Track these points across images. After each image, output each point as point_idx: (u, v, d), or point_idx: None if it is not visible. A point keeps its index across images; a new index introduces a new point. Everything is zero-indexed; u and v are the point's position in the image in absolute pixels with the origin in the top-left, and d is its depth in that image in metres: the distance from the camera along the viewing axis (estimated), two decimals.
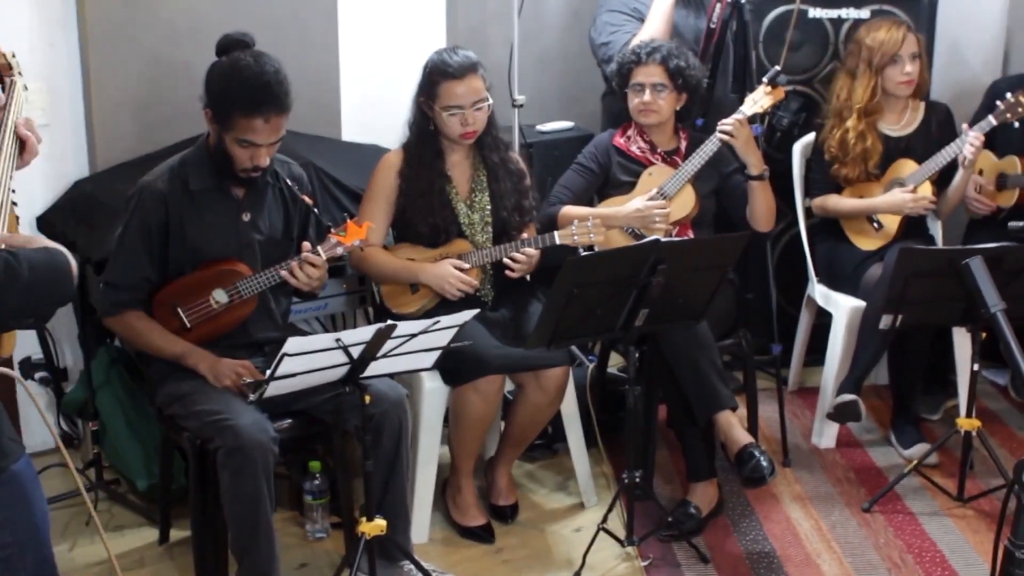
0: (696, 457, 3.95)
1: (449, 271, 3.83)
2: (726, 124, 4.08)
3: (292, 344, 2.99)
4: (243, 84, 3.31)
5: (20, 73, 2.86)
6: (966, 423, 4.03)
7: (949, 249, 4.25)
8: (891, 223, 4.46)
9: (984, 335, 3.88)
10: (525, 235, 3.99)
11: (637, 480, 3.68)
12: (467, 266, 3.86)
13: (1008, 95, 4.36)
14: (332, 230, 3.49)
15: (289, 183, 3.60)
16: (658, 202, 4.13)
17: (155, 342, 3.47)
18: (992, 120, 4.34)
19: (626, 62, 4.21)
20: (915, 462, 4.20)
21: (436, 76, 3.85)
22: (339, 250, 3.48)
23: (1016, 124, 4.37)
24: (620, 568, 3.73)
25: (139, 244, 3.43)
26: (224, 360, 3.42)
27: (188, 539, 3.67)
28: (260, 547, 3.26)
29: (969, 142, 4.31)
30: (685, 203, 4.18)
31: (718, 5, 4.56)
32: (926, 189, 4.43)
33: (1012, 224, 3.53)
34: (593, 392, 4.28)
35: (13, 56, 2.89)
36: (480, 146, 3.97)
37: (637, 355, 3.64)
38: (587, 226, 3.81)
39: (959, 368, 4.47)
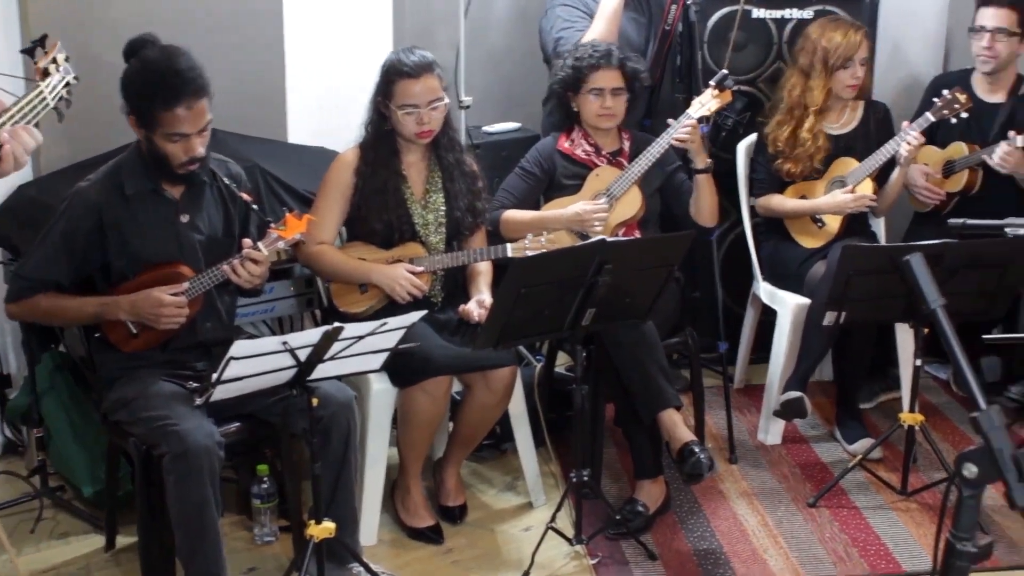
0: (643, 455, 3.97)
1: (401, 273, 3.83)
2: (683, 133, 4.11)
3: (239, 347, 2.98)
4: (156, 78, 3.30)
5: (69, 82, 3.02)
6: (909, 418, 4.07)
7: (891, 246, 4.32)
8: (833, 221, 4.51)
9: (926, 331, 3.93)
10: (476, 246, 4.01)
11: (585, 479, 3.69)
12: (420, 269, 3.86)
13: (945, 92, 4.43)
14: (272, 225, 3.48)
15: (227, 182, 3.58)
16: (598, 205, 4.16)
17: (68, 313, 3.48)
18: (930, 116, 4.40)
19: (584, 66, 4.20)
20: (859, 457, 4.24)
21: (392, 75, 3.86)
22: (280, 244, 3.46)
23: (953, 120, 4.43)
24: (569, 567, 3.74)
25: (60, 247, 3.42)
26: (140, 294, 3.39)
27: (135, 545, 3.65)
28: (207, 552, 3.24)
29: (907, 140, 4.36)
30: (632, 203, 4.20)
31: (673, 7, 4.59)
32: (866, 187, 4.47)
33: (952, 221, 3.58)
34: (541, 392, 4.28)
35: (60, 60, 2.87)
36: (436, 146, 3.98)
37: (584, 354, 3.66)
38: (540, 240, 3.82)
39: (902, 363, 4.52)
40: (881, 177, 4.53)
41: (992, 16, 4.63)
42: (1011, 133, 4.43)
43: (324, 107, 4.64)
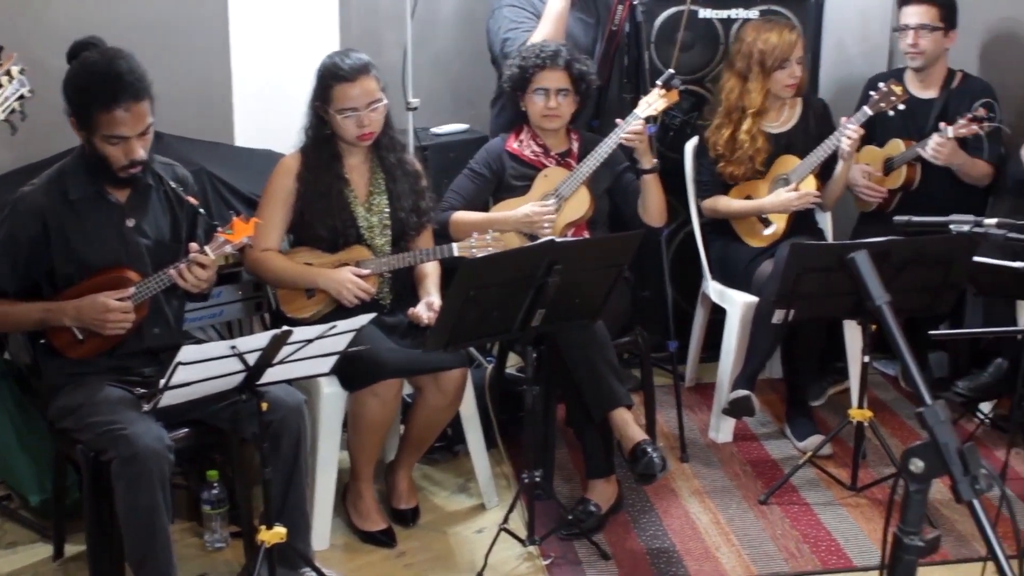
0: (595, 455, 3.97)
1: (347, 276, 3.81)
2: (632, 134, 4.12)
3: (186, 352, 2.96)
4: (95, 80, 3.29)
5: (24, 95, 3.15)
6: (858, 414, 4.11)
7: (838, 244, 4.35)
8: (780, 220, 4.54)
9: (874, 327, 3.97)
10: (423, 247, 4.00)
11: (537, 479, 3.69)
12: (366, 272, 3.85)
13: (881, 85, 4.50)
14: (219, 229, 3.46)
15: (173, 185, 3.56)
16: (547, 207, 4.16)
17: (12, 320, 3.45)
18: (868, 111, 4.46)
19: (529, 66, 4.21)
20: (809, 454, 4.28)
21: (329, 80, 3.84)
22: (227, 248, 3.44)
23: (891, 113, 4.48)
24: (522, 568, 3.74)
25: (3, 253, 3.40)
26: (85, 299, 3.36)
27: (83, 554, 3.60)
28: (157, 558, 3.21)
29: (846, 134, 4.41)
30: (580, 204, 4.21)
31: (620, 7, 4.60)
32: (809, 184, 4.51)
33: (897, 218, 3.62)
34: (492, 393, 4.28)
35: (15, 72, 2.87)
36: (377, 147, 3.97)
37: (535, 355, 3.67)
38: (486, 239, 3.82)
39: (850, 360, 4.56)
40: (824, 172, 4.57)
41: (914, 13, 4.75)
42: (942, 124, 4.52)
43: (271, 109, 4.62)
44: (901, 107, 4.48)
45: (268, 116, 4.60)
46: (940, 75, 4.87)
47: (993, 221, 3.23)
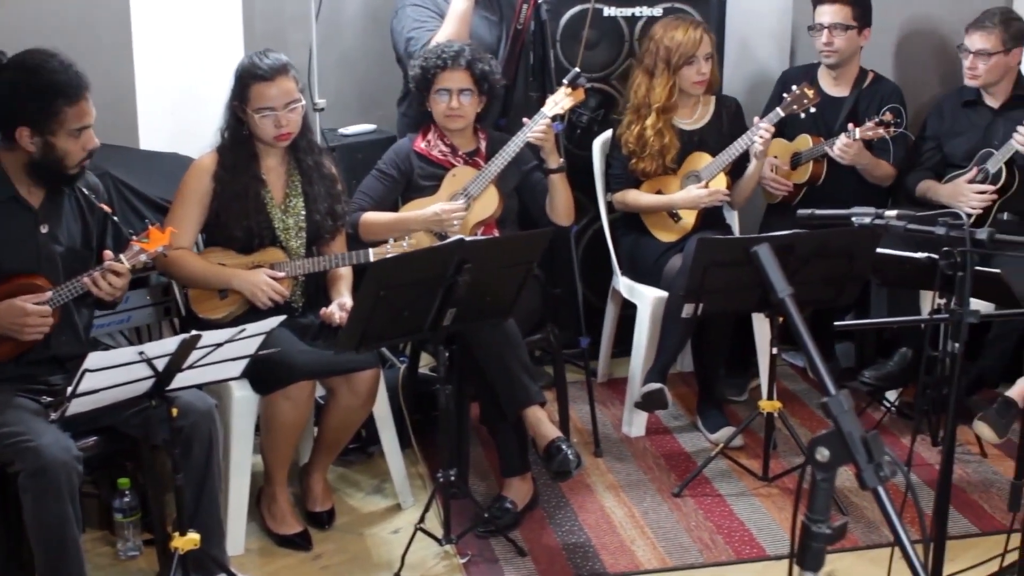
0: (509, 453, 3.99)
1: (263, 279, 3.79)
2: (538, 132, 4.14)
3: (93, 359, 2.93)
4: (56, 77, 3.27)
5: None
6: (767, 405, 4.17)
7: (744, 238, 4.41)
8: (689, 215, 4.58)
9: (781, 320, 4.03)
10: (337, 251, 3.99)
11: (452, 478, 3.70)
12: (281, 275, 3.83)
13: (794, 87, 4.56)
14: (135, 237, 3.42)
15: (86, 192, 3.51)
16: (456, 205, 4.17)
17: None
18: (780, 112, 4.54)
19: (430, 66, 4.21)
20: (721, 445, 4.33)
21: (247, 79, 3.82)
22: (143, 257, 3.40)
23: (803, 115, 4.56)
24: (439, 567, 3.75)
25: None
26: (2, 304, 3.30)
27: None
28: (69, 570, 3.17)
29: (759, 134, 4.47)
30: (489, 203, 4.22)
31: (524, 6, 4.62)
32: (720, 181, 4.56)
33: (801, 211, 3.67)
34: (405, 393, 4.28)
35: None
36: (295, 149, 3.95)
37: (447, 354, 3.67)
38: (402, 245, 3.81)
39: (759, 352, 4.62)
40: (736, 171, 4.63)
41: (828, 12, 4.83)
42: (850, 126, 4.60)
43: (176, 112, 4.56)
44: (812, 109, 4.56)
45: (173, 118, 4.55)
46: (852, 74, 4.95)
47: (893, 213, 3.29)
